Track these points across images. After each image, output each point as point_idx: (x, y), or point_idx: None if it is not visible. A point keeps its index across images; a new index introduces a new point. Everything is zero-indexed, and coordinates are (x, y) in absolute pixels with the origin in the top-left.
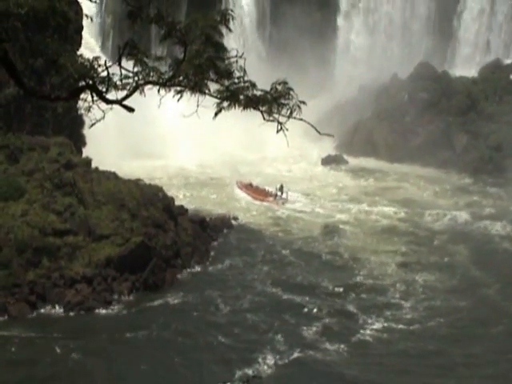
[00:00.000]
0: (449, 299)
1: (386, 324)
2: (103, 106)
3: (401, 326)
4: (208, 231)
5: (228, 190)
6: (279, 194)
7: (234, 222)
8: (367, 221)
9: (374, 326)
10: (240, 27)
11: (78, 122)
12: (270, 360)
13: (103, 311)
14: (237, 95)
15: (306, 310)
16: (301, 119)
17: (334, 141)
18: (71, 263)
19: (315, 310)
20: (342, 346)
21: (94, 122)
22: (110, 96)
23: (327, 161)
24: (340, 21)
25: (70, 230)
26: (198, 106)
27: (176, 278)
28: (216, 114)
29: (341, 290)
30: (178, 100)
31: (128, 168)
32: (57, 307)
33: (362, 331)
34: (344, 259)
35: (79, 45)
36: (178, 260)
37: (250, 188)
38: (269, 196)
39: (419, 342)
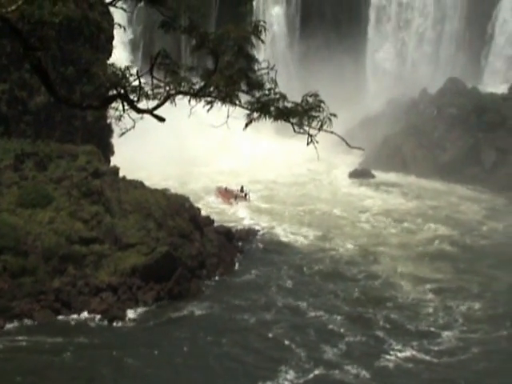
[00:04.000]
0: (488, 330)
1: (413, 352)
2: (133, 115)
3: (429, 357)
4: (234, 242)
5: (253, 201)
6: (240, 194)
7: (260, 233)
8: (404, 240)
9: (401, 354)
10: (269, 39)
11: (107, 131)
12: (291, 376)
13: (128, 320)
14: (268, 107)
15: (330, 327)
16: (331, 132)
17: (362, 155)
18: (97, 271)
19: (340, 329)
20: (364, 370)
21: (124, 130)
22: (141, 105)
23: (354, 174)
24: (370, 33)
25: (96, 238)
26: (228, 116)
27: (201, 289)
28: (246, 125)
29: (370, 311)
30: (208, 110)
31: (157, 177)
32: (81, 315)
33: (386, 357)
34: (377, 281)
35: (110, 54)
36: (203, 271)
37: (223, 192)
38: (232, 197)
39: (447, 376)
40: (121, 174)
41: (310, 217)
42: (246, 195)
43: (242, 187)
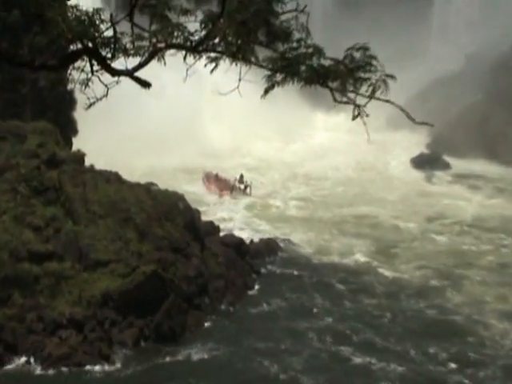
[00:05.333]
0: None
1: None
2: (106, 78)
3: None
4: (247, 259)
5: (278, 205)
6: (238, 185)
7: (285, 247)
8: (499, 260)
9: None
10: None
11: (68, 102)
12: None
13: (97, 369)
14: (296, 65)
15: (379, 374)
16: (387, 101)
17: (429, 133)
18: (54, 300)
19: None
20: None
21: (92, 101)
22: (117, 64)
23: (419, 162)
24: None
25: (52, 253)
26: (239, 79)
27: (201, 324)
28: (266, 92)
29: (444, 369)
30: (212, 71)
31: (136, 167)
32: (32, 362)
33: None
34: (457, 317)
35: None
36: (204, 299)
37: (211, 181)
38: (227, 189)
39: None
40: (87, 163)
41: (358, 225)
42: (246, 187)
43: (241, 176)
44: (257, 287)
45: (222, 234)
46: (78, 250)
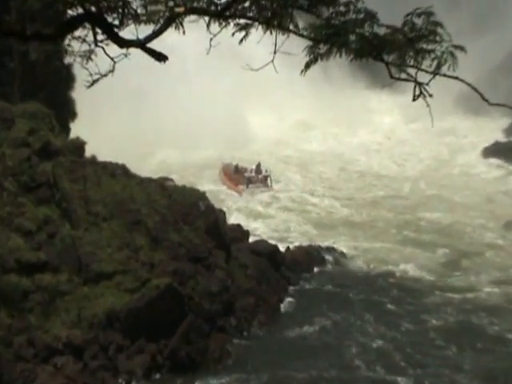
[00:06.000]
0: None
1: None
2: (113, 50)
3: None
4: (283, 270)
5: (323, 206)
6: (256, 176)
7: (329, 257)
8: None
9: None
10: None
11: (65, 79)
12: None
13: None
14: (344, 34)
15: None
16: (456, 78)
17: (506, 117)
18: (47, 320)
19: None
20: None
21: (95, 78)
22: (126, 34)
23: (494, 152)
24: None
25: (45, 263)
26: (275, 52)
27: (226, 351)
28: (307, 67)
29: None
30: (241, 41)
31: (150, 159)
32: None
33: None
34: None
35: None
36: (230, 319)
37: (228, 174)
38: (240, 182)
39: None
40: (88, 153)
41: (421, 231)
42: (266, 178)
43: (258, 165)
44: (294, 305)
45: (251, 239)
46: (76, 259)
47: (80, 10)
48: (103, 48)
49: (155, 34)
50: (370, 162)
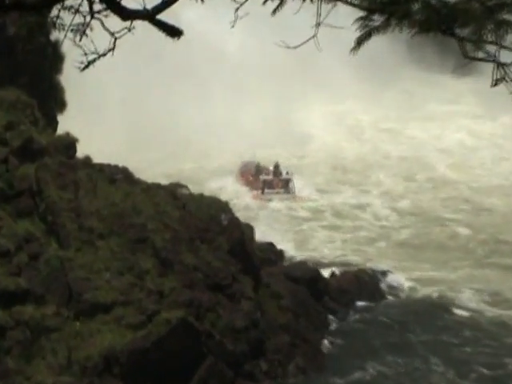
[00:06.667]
0: None
1: None
2: (114, 22)
3: None
4: (326, 301)
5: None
6: (274, 179)
7: (386, 284)
8: None
9: None
10: None
11: (51, 59)
12: None
13: None
14: (405, 3)
15: None
16: None
17: None
18: (29, 364)
19: None
20: None
21: (90, 58)
22: (130, 3)
23: None
24: None
25: (27, 291)
26: (318, 24)
27: None
28: (359, 43)
29: None
30: (275, 12)
31: (159, 161)
32: None
33: None
34: None
35: None
36: (259, 363)
37: (246, 176)
38: (256, 186)
39: None
40: (80, 153)
41: (505, 256)
42: (287, 182)
43: (276, 166)
44: (340, 345)
45: (286, 261)
46: (65, 287)
47: None
48: (101, 21)
49: (166, 3)
50: (445, 167)
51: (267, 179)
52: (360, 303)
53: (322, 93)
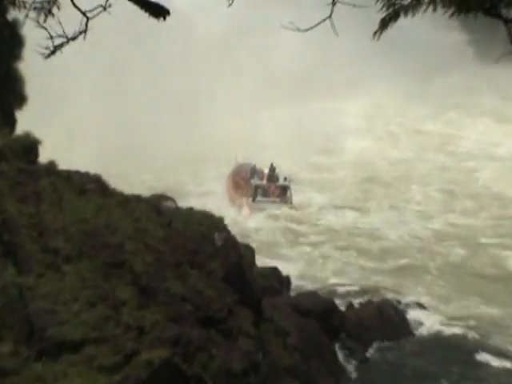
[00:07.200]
0: None
1: None
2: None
3: None
4: (342, 338)
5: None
6: (267, 185)
7: (409, 317)
8: None
9: None
10: None
11: (9, 44)
12: None
13: None
14: None
15: None
16: None
17: None
18: None
19: None
20: None
21: (57, 43)
22: None
23: None
24: None
25: None
26: (333, 2)
27: None
28: (383, 26)
29: None
30: None
31: (140, 167)
32: None
33: None
34: None
35: None
36: None
37: (235, 180)
38: (244, 194)
39: None
40: (44, 157)
41: None
42: (285, 190)
43: (271, 168)
44: None
45: (294, 290)
46: (24, 320)
47: None
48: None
49: None
50: (495, 182)
51: (260, 184)
52: (383, 340)
53: (349, 90)
